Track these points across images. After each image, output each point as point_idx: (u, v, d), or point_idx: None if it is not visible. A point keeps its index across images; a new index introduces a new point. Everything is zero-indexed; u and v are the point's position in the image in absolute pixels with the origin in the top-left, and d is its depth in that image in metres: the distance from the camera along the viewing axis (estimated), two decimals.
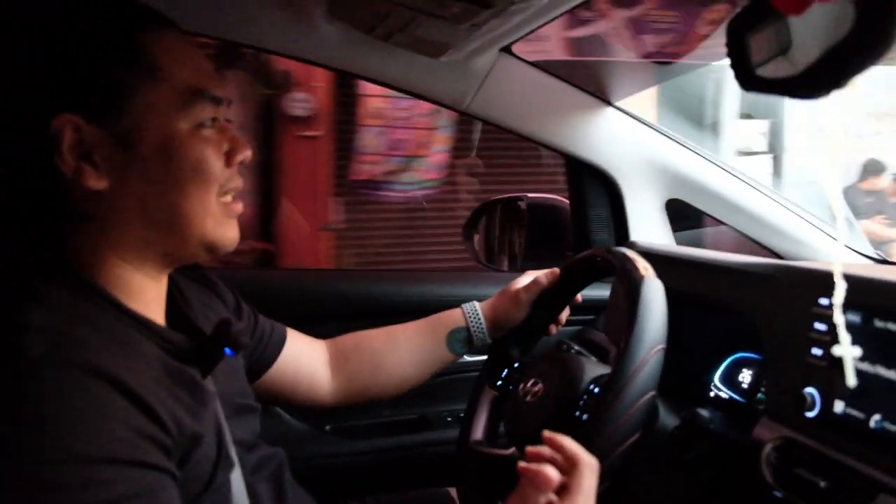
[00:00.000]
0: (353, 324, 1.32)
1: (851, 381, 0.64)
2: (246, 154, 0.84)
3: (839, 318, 0.74)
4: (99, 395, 0.64)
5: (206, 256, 0.84)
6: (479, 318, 1.24)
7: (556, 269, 1.20)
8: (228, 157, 0.82)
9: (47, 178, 0.72)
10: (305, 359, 1.21)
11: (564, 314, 1.26)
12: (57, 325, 0.66)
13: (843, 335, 0.66)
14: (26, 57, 0.72)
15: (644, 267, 0.99)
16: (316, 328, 1.28)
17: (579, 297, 1.25)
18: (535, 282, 1.20)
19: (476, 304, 1.26)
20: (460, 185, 4.88)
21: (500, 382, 1.21)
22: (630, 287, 0.95)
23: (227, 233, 0.84)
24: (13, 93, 0.72)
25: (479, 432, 1.18)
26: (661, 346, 0.91)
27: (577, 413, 1.00)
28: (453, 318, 1.25)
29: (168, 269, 0.85)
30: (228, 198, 0.84)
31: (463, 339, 1.24)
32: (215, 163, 0.80)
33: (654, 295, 0.94)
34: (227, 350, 0.83)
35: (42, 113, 0.71)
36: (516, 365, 1.21)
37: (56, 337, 0.65)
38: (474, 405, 1.21)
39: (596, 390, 1.01)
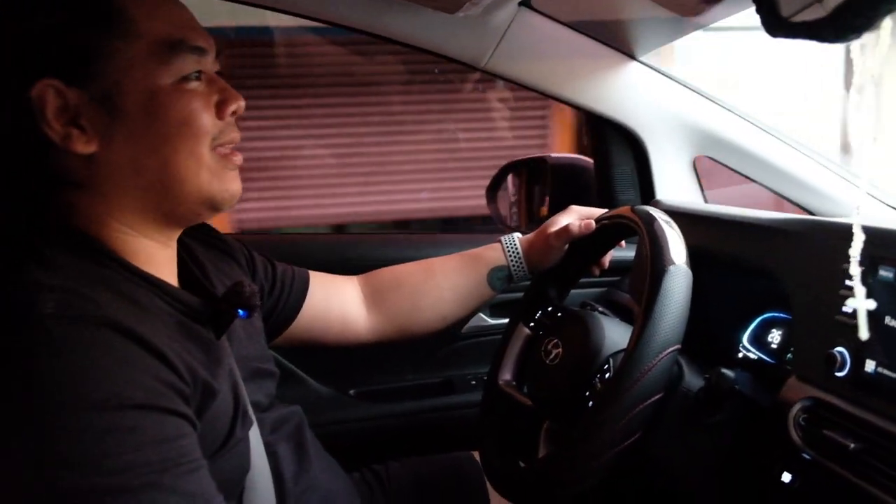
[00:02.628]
0: None
1: (864, 334, 0.62)
2: (238, 104, 0.82)
3: (855, 269, 0.71)
4: (113, 344, 0.64)
5: (208, 213, 0.83)
6: (518, 255, 1.23)
7: (591, 222, 1.18)
8: (219, 109, 0.80)
9: (37, 146, 0.72)
10: (335, 298, 1.21)
11: (607, 258, 1.25)
12: (65, 283, 0.66)
13: (859, 288, 0.64)
14: (0, 25, 0.71)
15: (674, 248, 0.93)
16: None
17: (623, 243, 1.24)
18: (565, 229, 1.18)
19: (515, 237, 1.25)
20: None
21: (533, 323, 1.20)
22: (654, 273, 0.90)
23: (227, 185, 0.82)
24: None
25: (507, 372, 1.18)
26: (675, 346, 0.86)
27: (587, 393, 0.98)
28: (493, 254, 1.25)
29: (174, 232, 0.84)
30: (226, 150, 0.82)
31: (504, 276, 1.24)
32: (204, 116, 0.78)
33: (678, 287, 0.89)
34: (241, 312, 0.82)
35: (21, 82, 0.70)
36: (550, 308, 1.20)
37: (67, 295, 0.64)
38: (506, 344, 1.20)
39: (609, 374, 0.99)
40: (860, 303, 0.64)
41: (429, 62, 4.32)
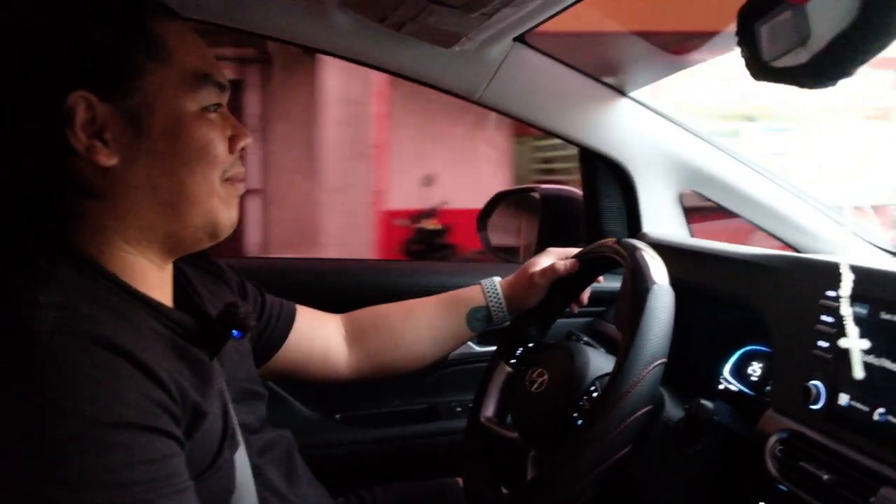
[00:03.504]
0: None
1: (859, 373, 0.63)
2: (247, 141, 0.86)
3: (846, 310, 0.73)
4: (108, 363, 0.65)
5: (208, 241, 0.85)
6: (498, 297, 1.25)
7: (574, 259, 1.21)
8: (231, 143, 0.84)
9: (60, 153, 0.74)
10: (318, 334, 1.22)
11: (585, 294, 1.27)
12: (63, 301, 0.67)
13: (851, 328, 0.66)
14: (45, 34, 0.73)
15: (656, 271, 0.96)
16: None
17: (601, 278, 1.25)
18: (551, 268, 1.20)
19: (496, 280, 1.27)
20: None
21: (514, 360, 1.21)
22: (637, 293, 0.93)
23: (231, 213, 0.86)
24: (30, 68, 0.73)
25: (489, 409, 1.19)
26: (661, 360, 0.89)
27: (575, 415, 0.99)
28: (473, 295, 1.26)
29: (171, 257, 0.86)
30: (231, 186, 0.86)
31: (483, 317, 1.25)
32: (219, 146, 0.82)
33: (661, 304, 0.92)
34: (235, 332, 0.84)
35: (57, 89, 0.72)
36: (531, 345, 1.21)
37: (63, 312, 0.66)
38: (488, 381, 1.22)
39: (595, 394, 1.00)
40: (853, 342, 0.66)
41: None
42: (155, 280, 0.83)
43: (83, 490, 0.59)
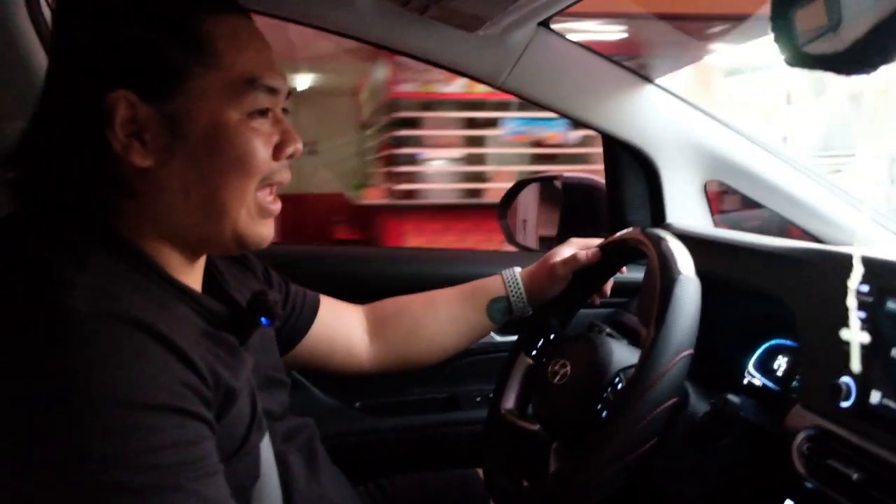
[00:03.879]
0: None
1: (856, 366, 0.62)
2: (296, 148, 0.83)
3: (852, 301, 0.71)
4: (142, 345, 0.65)
5: (236, 249, 0.84)
6: (518, 288, 1.24)
7: (597, 249, 1.19)
8: (277, 150, 0.81)
9: (97, 150, 0.73)
10: (341, 325, 1.22)
11: (608, 285, 1.26)
12: (99, 283, 0.67)
13: (854, 320, 0.64)
14: (90, 30, 0.73)
15: (683, 261, 0.95)
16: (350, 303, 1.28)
17: (624, 269, 1.24)
18: (573, 257, 1.19)
19: (516, 271, 1.26)
20: None
21: (535, 352, 1.20)
22: (664, 283, 0.92)
23: (260, 230, 0.83)
24: (74, 64, 0.73)
25: (510, 401, 1.18)
26: (688, 351, 0.87)
27: (599, 406, 0.98)
28: (493, 286, 1.26)
29: (203, 252, 0.86)
30: (269, 195, 0.83)
31: (503, 308, 1.25)
32: (262, 154, 0.79)
33: (688, 295, 0.90)
34: (263, 320, 0.83)
35: (99, 86, 0.72)
36: (552, 336, 1.20)
37: (99, 294, 0.66)
38: (508, 373, 1.21)
39: (620, 385, 0.99)
40: (854, 335, 0.65)
41: None
42: (189, 269, 0.83)
43: (114, 470, 0.59)
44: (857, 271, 0.60)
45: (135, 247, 0.76)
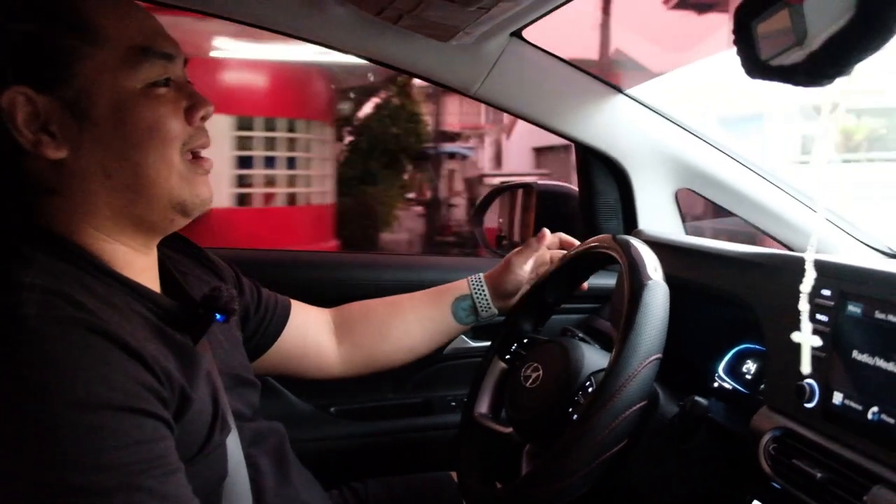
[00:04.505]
0: None
1: (806, 368, 0.64)
2: (207, 110, 0.83)
3: (804, 305, 0.73)
4: (95, 347, 0.65)
5: (180, 219, 0.84)
6: (482, 287, 1.27)
7: (545, 230, 1.27)
8: (188, 115, 0.82)
9: (10, 153, 0.73)
10: (311, 328, 1.23)
11: (585, 284, 1.27)
12: (48, 285, 0.67)
13: (805, 323, 0.67)
14: None
15: (652, 267, 0.96)
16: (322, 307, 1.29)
17: (585, 285, 1.25)
18: (526, 246, 1.24)
19: (480, 274, 1.29)
20: None
21: (508, 356, 1.22)
22: (633, 288, 0.93)
23: (198, 190, 0.83)
24: None
25: (483, 405, 1.19)
26: (657, 356, 0.89)
27: (570, 409, 1.00)
28: (458, 287, 1.29)
29: (150, 240, 0.85)
30: (197, 155, 0.84)
31: (468, 307, 1.27)
32: (173, 121, 0.79)
33: (657, 300, 0.92)
34: (218, 316, 0.83)
35: None
36: (525, 341, 1.22)
37: (48, 296, 0.66)
38: (482, 377, 1.22)
39: (591, 388, 1.01)
40: (805, 338, 0.67)
41: None
42: (139, 265, 0.83)
43: (71, 471, 0.59)
44: (810, 275, 0.62)
45: (75, 245, 0.76)
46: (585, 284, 1.25)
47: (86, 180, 0.76)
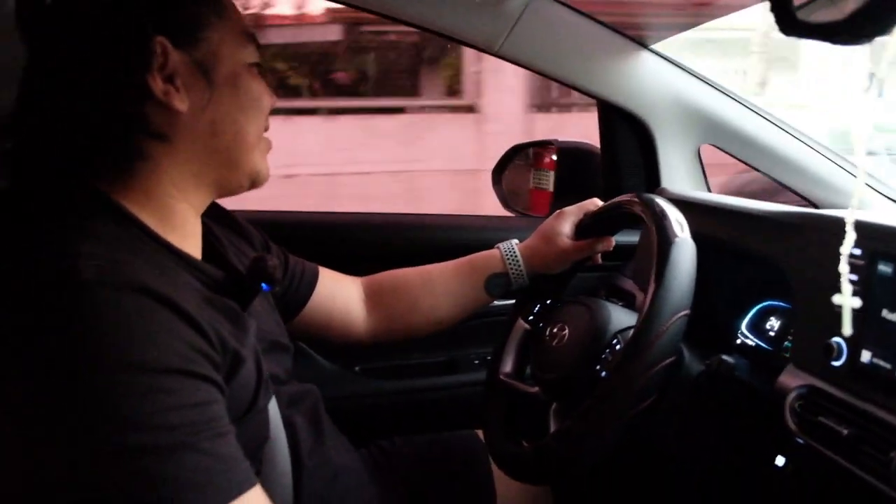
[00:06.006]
0: (387, 267, 1.32)
1: (848, 329, 0.64)
2: (274, 100, 0.91)
3: (844, 266, 0.73)
4: (150, 310, 0.66)
5: (248, 187, 0.90)
6: (518, 263, 1.24)
7: (596, 200, 1.23)
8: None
9: (138, 95, 0.76)
10: (339, 297, 1.23)
11: (611, 241, 1.26)
12: (103, 252, 0.68)
13: (846, 285, 0.66)
14: None
15: (678, 224, 0.96)
16: (348, 271, 1.30)
17: (612, 240, 1.25)
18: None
19: (514, 244, 1.26)
20: None
21: (531, 317, 1.22)
22: (661, 246, 0.93)
23: (266, 165, 0.91)
24: (116, 12, 0.76)
25: (508, 365, 1.20)
26: (685, 312, 0.89)
27: (598, 367, 1.01)
28: (491, 261, 1.26)
29: (210, 200, 0.89)
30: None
31: (502, 283, 1.25)
32: (266, 98, 0.89)
33: (685, 257, 0.92)
34: (264, 285, 0.85)
35: (141, 33, 0.75)
36: (549, 302, 1.22)
37: (104, 262, 0.66)
38: (506, 338, 1.23)
39: (618, 346, 1.01)
40: (846, 300, 0.67)
41: None
42: (189, 229, 0.85)
43: (129, 432, 0.60)
44: (850, 237, 0.62)
45: (136, 212, 0.77)
46: (612, 243, 1.24)
47: (194, 134, 0.81)
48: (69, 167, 0.79)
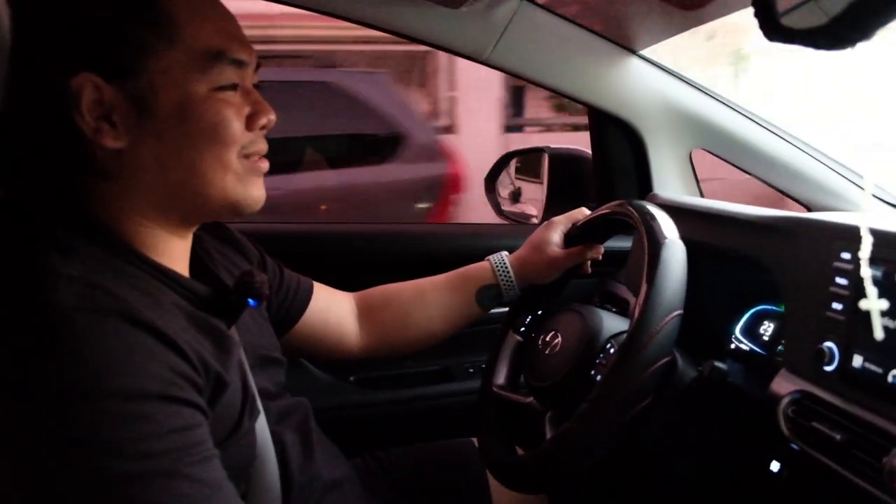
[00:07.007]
0: (380, 278, 1.33)
1: (879, 333, 0.63)
2: (269, 118, 0.83)
3: (866, 271, 0.73)
4: (131, 336, 0.65)
5: (230, 215, 0.85)
6: (509, 274, 1.24)
7: (575, 213, 1.23)
8: (250, 121, 0.81)
9: (68, 135, 0.73)
10: (333, 312, 1.23)
11: (600, 251, 1.26)
12: (84, 274, 0.67)
13: (871, 289, 0.65)
14: (48, 15, 0.72)
15: (668, 227, 0.97)
16: (341, 282, 1.30)
17: (601, 248, 1.25)
18: (550, 223, 1.22)
19: (504, 255, 1.26)
20: None
21: (523, 329, 1.22)
22: (651, 248, 0.94)
23: (251, 191, 0.83)
24: (35, 50, 0.72)
25: (501, 377, 1.20)
26: (678, 312, 0.89)
27: (592, 372, 1.00)
28: (482, 273, 1.26)
29: (191, 227, 0.86)
30: (254, 159, 0.83)
31: (493, 295, 1.25)
32: (234, 125, 0.79)
33: (675, 258, 0.93)
34: (251, 301, 0.84)
35: (62, 71, 0.71)
36: (540, 312, 1.22)
37: (84, 286, 0.66)
38: (498, 350, 1.23)
39: (612, 350, 1.01)
40: (873, 303, 0.65)
41: None
42: (174, 250, 0.83)
43: (111, 460, 0.60)
44: (867, 241, 0.60)
45: (115, 232, 0.77)
46: (601, 251, 1.24)
47: (140, 171, 0.76)
48: (46, 190, 0.78)
